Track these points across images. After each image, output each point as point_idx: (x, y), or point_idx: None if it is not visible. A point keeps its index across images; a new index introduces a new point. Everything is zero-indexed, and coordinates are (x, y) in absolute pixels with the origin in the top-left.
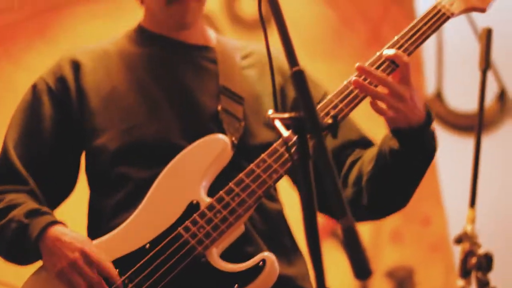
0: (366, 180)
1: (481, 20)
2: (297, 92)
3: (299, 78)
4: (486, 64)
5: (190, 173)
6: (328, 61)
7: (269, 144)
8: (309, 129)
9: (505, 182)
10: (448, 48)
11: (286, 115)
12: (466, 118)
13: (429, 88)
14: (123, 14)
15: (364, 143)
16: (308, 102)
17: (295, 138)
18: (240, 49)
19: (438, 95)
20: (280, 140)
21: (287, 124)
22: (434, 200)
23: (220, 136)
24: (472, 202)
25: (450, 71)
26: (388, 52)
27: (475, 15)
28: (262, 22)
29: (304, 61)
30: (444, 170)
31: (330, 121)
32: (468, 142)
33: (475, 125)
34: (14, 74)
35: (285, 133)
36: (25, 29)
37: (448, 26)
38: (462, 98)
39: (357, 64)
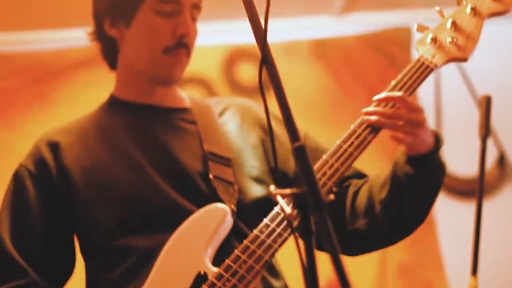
0: (382, 207)
1: (480, 86)
2: (298, 168)
3: (300, 153)
4: (486, 131)
5: (194, 244)
6: (327, 127)
7: (261, 199)
8: (311, 206)
9: (507, 249)
10: (447, 114)
11: (288, 191)
12: (466, 183)
13: None
14: None
15: (358, 175)
16: (310, 178)
17: (296, 213)
18: (215, 106)
19: None
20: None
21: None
22: (436, 265)
23: (220, 205)
24: (474, 270)
25: (449, 136)
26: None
27: (474, 81)
28: (262, 92)
29: (303, 127)
30: (445, 235)
31: (332, 197)
32: (468, 207)
33: (475, 190)
34: (13, 141)
35: (288, 209)
36: (23, 96)
37: (446, 92)
38: (462, 163)
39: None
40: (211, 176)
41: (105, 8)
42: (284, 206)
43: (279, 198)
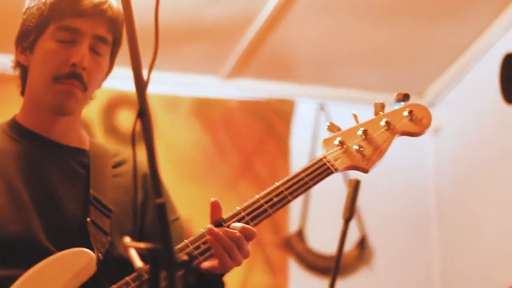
0: None
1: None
2: (158, 224)
3: (161, 210)
4: (350, 214)
5: (50, 283)
6: (198, 186)
7: (129, 260)
8: (163, 263)
9: None
10: (316, 191)
11: (142, 245)
12: (325, 260)
13: (292, 226)
14: None
15: None
16: (167, 236)
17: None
18: (113, 156)
19: (300, 234)
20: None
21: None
22: None
23: (87, 251)
24: None
25: (315, 212)
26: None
27: None
28: (133, 143)
29: (174, 183)
30: None
31: (185, 257)
32: (323, 283)
33: (332, 267)
34: None
35: (139, 263)
36: None
37: None
38: (324, 240)
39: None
40: (88, 219)
41: (18, 36)
42: (135, 259)
43: (131, 251)
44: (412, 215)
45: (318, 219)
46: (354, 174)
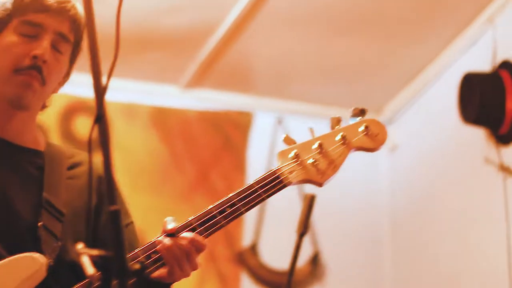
0: None
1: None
2: (111, 232)
3: (114, 218)
4: (304, 229)
5: None
6: (153, 196)
7: (80, 264)
8: (115, 271)
9: None
10: (272, 205)
11: (95, 252)
12: (278, 275)
13: (246, 239)
14: None
15: None
16: (120, 244)
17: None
18: (68, 157)
19: (253, 248)
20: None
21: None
22: None
23: (37, 256)
24: None
25: (269, 227)
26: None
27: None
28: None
29: (129, 192)
30: None
31: (137, 266)
32: None
33: (284, 283)
34: None
35: (90, 270)
36: None
37: None
38: (277, 255)
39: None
40: (39, 224)
41: None
42: (87, 266)
43: (83, 258)
44: (365, 232)
45: (272, 233)
46: (310, 188)
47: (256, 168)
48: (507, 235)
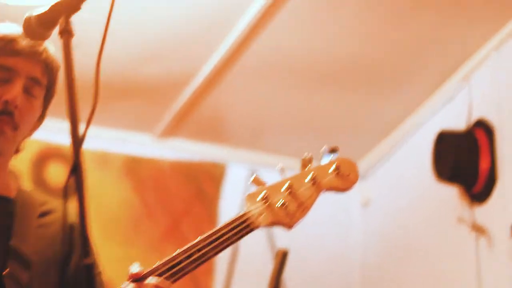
0: None
1: (280, 239)
2: (84, 284)
3: (88, 271)
4: (275, 285)
5: None
6: (124, 246)
7: None
8: None
9: None
10: (242, 259)
11: None
12: None
13: None
14: None
15: None
16: None
17: None
18: (40, 205)
19: None
20: None
21: None
22: None
23: None
24: None
25: (240, 280)
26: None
27: (276, 233)
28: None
29: (99, 242)
30: None
31: None
32: None
33: None
34: None
35: None
36: None
37: (245, 239)
38: None
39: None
40: (4, 272)
41: None
42: None
43: None
44: (337, 287)
45: (242, 287)
46: (281, 240)
47: (228, 219)
48: None
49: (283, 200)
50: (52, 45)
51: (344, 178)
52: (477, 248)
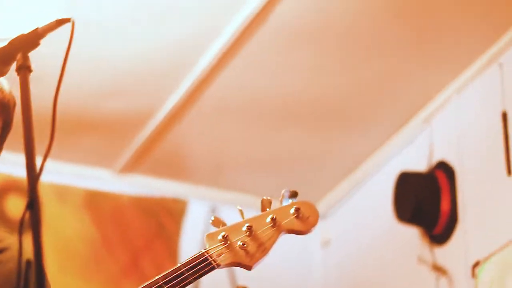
0: None
1: (241, 279)
2: None
3: None
4: None
5: None
6: (83, 281)
7: None
8: None
9: None
10: None
11: None
12: None
13: None
14: None
15: None
16: None
17: None
18: None
19: None
20: None
21: None
22: None
23: None
24: None
25: None
26: None
27: (237, 273)
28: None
29: (58, 275)
30: None
31: None
32: None
33: None
34: None
35: None
36: None
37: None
38: None
39: None
40: None
41: None
42: None
43: None
44: None
45: None
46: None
47: (188, 256)
48: None
49: (242, 241)
50: (6, 82)
51: (304, 221)
52: None
